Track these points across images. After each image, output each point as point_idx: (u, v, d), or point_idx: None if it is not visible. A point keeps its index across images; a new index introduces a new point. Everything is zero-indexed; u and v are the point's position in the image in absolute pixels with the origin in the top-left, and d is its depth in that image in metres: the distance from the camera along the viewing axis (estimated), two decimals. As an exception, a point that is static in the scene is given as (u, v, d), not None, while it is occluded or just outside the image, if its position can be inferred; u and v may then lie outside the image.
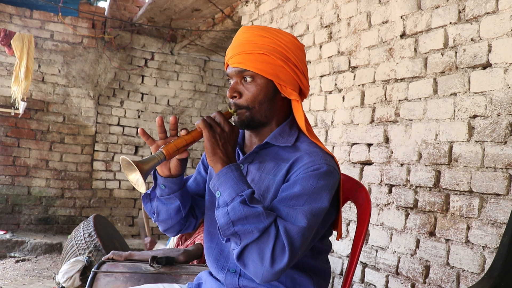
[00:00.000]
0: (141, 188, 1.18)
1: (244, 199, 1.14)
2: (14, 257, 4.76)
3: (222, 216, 1.15)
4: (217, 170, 1.22)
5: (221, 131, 1.24)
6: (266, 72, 1.30)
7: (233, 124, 1.29)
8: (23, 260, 4.68)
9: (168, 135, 1.30)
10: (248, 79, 1.31)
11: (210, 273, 1.47)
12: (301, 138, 1.35)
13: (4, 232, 5.08)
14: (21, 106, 5.15)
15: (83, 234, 3.43)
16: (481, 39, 2.14)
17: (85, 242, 3.37)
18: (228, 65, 1.36)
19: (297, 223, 1.15)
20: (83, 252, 3.33)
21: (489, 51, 2.10)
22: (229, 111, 1.34)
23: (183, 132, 1.26)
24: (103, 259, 2.19)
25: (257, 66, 1.29)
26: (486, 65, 2.11)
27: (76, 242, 3.41)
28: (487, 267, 1.99)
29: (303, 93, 1.40)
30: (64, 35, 5.60)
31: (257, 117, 1.33)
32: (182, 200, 1.39)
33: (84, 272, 3.08)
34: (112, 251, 2.23)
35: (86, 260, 3.17)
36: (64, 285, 3.02)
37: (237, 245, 1.15)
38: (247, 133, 1.44)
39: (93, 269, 2.04)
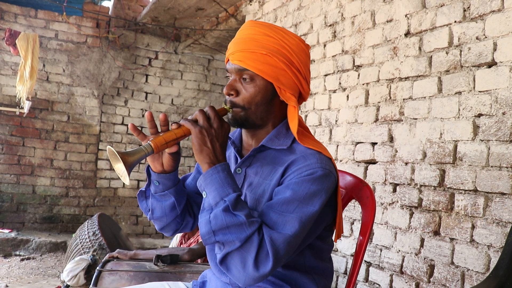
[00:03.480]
0: (125, 179, 1.15)
1: (227, 205, 1.11)
2: (19, 255, 4.78)
3: (204, 225, 1.13)
4: (204, 169, 1.19)
5: (209, 127, 1.20)
6: (266, 74, 1.25)
7: (224, 120, 1.25)
8: (28, 259, 4.69)
9: (160, 131, 1.26)
10: (247, 78, 1.27)
11: (214, 272, 1.46)
12: None
13: (9, 230, 5.10)
14: (26, 105, 5.16)
15: (88, 233, 3.45)
16: (486, 37, 2.14)
17: (89, 240, 3.39)
18: (228, 60, 1.31)
19: (284, 231, 1.13)
20: (87, 250, 3.34)
21: (494, 49, 2.09)
22: (225, 107, 1.30)
23: (174, 126, 1.22)
24: (107, 256, 2.19)
25: (258, 66, 1.24)
26: (491, 64, 2.10)
27: (81, 240, 3.43)
28: (492, 266, 1.99)
29: (302, 97, 1.36)
30: (68, 34, 5.61)
31: (251, 119, 1.29)
32: (176, 196, 1.36)
33: (88, 271, 3.09)
34: (118, 249, 2.24)
35: (91, 259, 3.18)
36: (69, 283, 3.04)
37: (220, 251, 1.13)
38: (244, 134, 1.41)
39: (97, 268, 2.04)
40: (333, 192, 1.27)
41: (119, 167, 1.16)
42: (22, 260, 4.64)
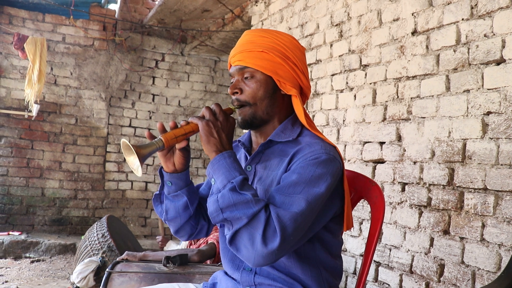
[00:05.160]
0: (138, 171, 1.23)
1: (234, 186, 1.17)
2: (29, 257, 4.82)
3: (212, 203, 1.19)
4: (211, 157, 1.26)
5: (214, 119, 1.28)
6: (264, 68, 1.35)
7: (229, 115, 1.33)
8: (38, 261, 4.73)
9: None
10: (248, 76, 1.37)
11: (225, 273, 1.47)
12: (304, 132, 1.39)
13: (19, 233, 5.14)
14: (34, 108, 5.20)
15: (97, 235, 3.46)
16: (494, 34, 2.12)
17: (98, 242, 3.40)
18: (231, 65, 1.43)
19: (291, 209, 1.17)
20: (96, 252, 3.36)
21: (503, 46, 2.07)
22: (230, 107, 1.38)
23: (182, 123, 1.31)
24: (117, 260, 2.20)
25: (256, 62, 1.35)
26: (500, 61, 2.09)
27: (90, 242, 3.44)
28: (503, 265, 1.97)
29: (304, 93, 1.44)
30: (75, 37, 5.65)
31: (259, 114, 1.37)
32: (189, 196, 1.43)
33: (98, 272, 3.11)
34: (126, 251, 2.25)
35: (100, 261, 3.19)
36: (78, 285, 3.05)
37: (229, 230, 1.18)
38: (253, 135, 1.47)
39: (107, 269, 2.05)
40: (340, 180, 1.32)
41: (132, 160, 1.24)
42: (32, 262, 4.67)
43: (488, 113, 2.12)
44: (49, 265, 4.62)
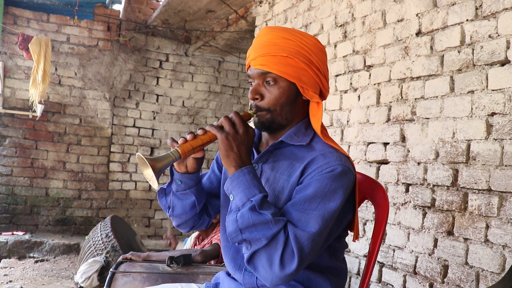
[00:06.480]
0: (154, 184, 1.21)
1: (254, 205, 1.14)
2: (33, 257, 4.83)
3: (231, 223, 1.16)
4: (230, 173, 1.22)
5: (234, 133, 1.24)
6: (289, 75, 1.29)
7: (249, 125, 1.28)
8: (42, 261, 4.74)
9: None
10: (271, 81, 1.30)
11: (228, 273, 1.47)
12: (316, 138, 1.34)
13: (23, 233, 5.16)
14: (39, 108, 5.22)
15: (101, 235, 3.47)
16: (499, 35, 2.12)
17: (102, 242, 3.41)
18: (249, 66, 1.35)
19: (308, 229, 1.15)
20: (100, 252, 3.36)
21: (508, 47, 2.07)
22: (249, 112, 1.33)
23: (200, 132, 1.26)
24: (120, 258, 2.21)
25: (280, 68, 1.28)
26: (504, 62, 2.08)
27: (94, 242, 3.45)
28: (507, 266, 1.96)
29: (322, 95, 1.39)
30: (80, 38, 5.67)
31: (277, 120, 1.32)
32: (197, 195, 1.41)
33: (102, 272, 3.12)
34: (131, 251, 2.25)
35: (104, 261, 3.20)
36: (82, 285, 3.06)
37: (248, 250, 1.16)
38: (263, 133, 1.43)
39: (111, 269, 2.05)
40: (352, 191, 1.30)
41: (148, 172, 1.22)
42: (36, 262, 4.69)
43: (493, 114, 2.12)
44: (53, 265, 4.64)
